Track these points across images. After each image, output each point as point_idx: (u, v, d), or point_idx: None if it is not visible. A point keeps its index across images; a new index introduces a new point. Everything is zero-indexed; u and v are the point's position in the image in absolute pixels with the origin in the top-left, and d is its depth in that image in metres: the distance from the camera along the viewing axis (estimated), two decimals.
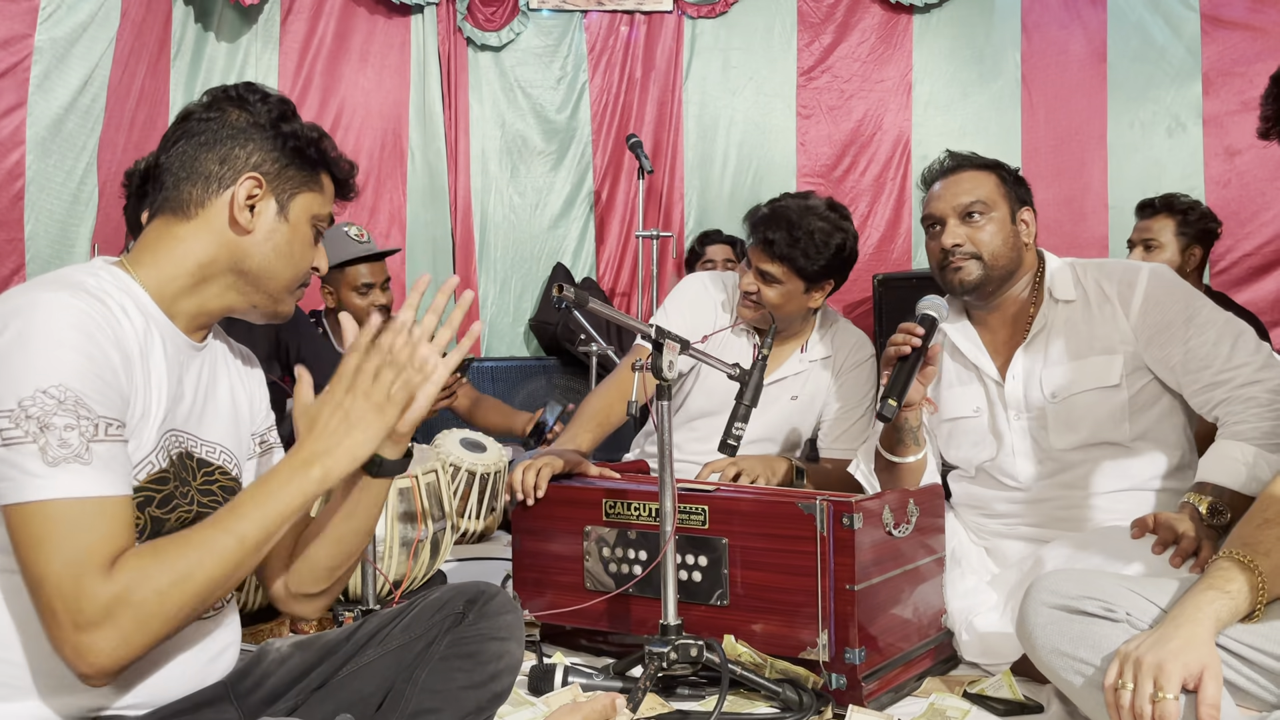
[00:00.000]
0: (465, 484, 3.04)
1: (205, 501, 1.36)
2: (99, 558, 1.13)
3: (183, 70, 4.19)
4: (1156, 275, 2.11)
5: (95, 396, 1.17)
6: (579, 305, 1.83)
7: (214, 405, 1.40)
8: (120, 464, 1.19)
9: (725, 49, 4.73)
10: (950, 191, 2.15)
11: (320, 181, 1.41)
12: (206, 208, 1.34)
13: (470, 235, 4.59)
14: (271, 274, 1.37)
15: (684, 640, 1.81)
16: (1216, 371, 1.99)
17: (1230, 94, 3.69)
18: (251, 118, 1.37)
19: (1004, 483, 2.17)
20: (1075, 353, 2.09)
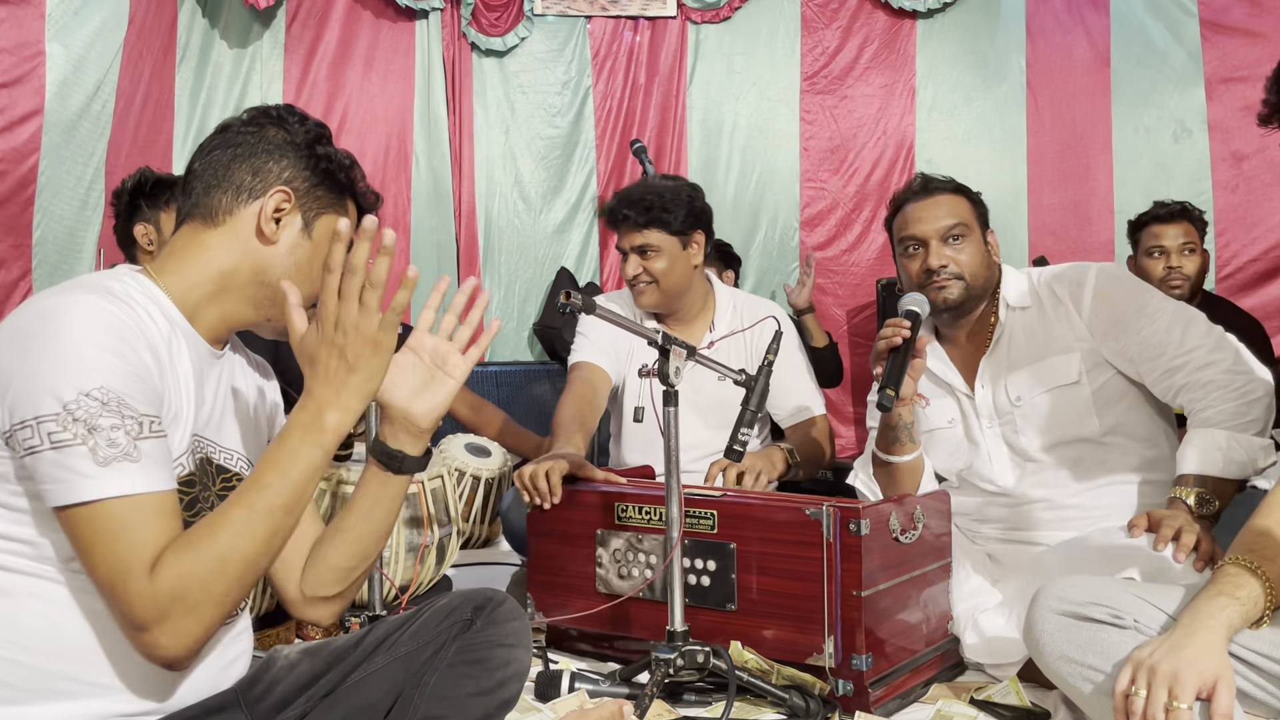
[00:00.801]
0: (470, 489, 3.05)
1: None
2: (142, 559, 1.15)
3: (188, 75, 4.20)
4: (1104, 272, 2.18)
5: (135, 395, 1.19)
6: (586, 311, 1.83)
7: (232, 413, 1.42)
8: (165, 457, 1.21)
9: (729, 54, 4.73)
10: (931, 214, 2.20)
11: (345, 206, 1.44)
12: (235, 216, 1.37)
13: (474, 240, 4.59)
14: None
15: (691, 646, 1.81)
16: (1171, 357, 2.06)
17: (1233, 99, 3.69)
18: (288, 136, 1.41)
19: (987, 489, 2.21)
20: (1034, 355, 2.16)
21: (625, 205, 2.65)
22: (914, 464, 2.17)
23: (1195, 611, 1.44)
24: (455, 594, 1.56)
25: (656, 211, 2.61)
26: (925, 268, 2.18)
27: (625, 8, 4.65)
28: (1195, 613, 1.43)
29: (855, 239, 4.70)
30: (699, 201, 2.68)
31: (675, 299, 2.69)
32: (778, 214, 4.75)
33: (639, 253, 2.64)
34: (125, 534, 1.14)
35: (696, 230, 2.67)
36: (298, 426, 1.25)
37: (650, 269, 2.63)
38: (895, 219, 2.28)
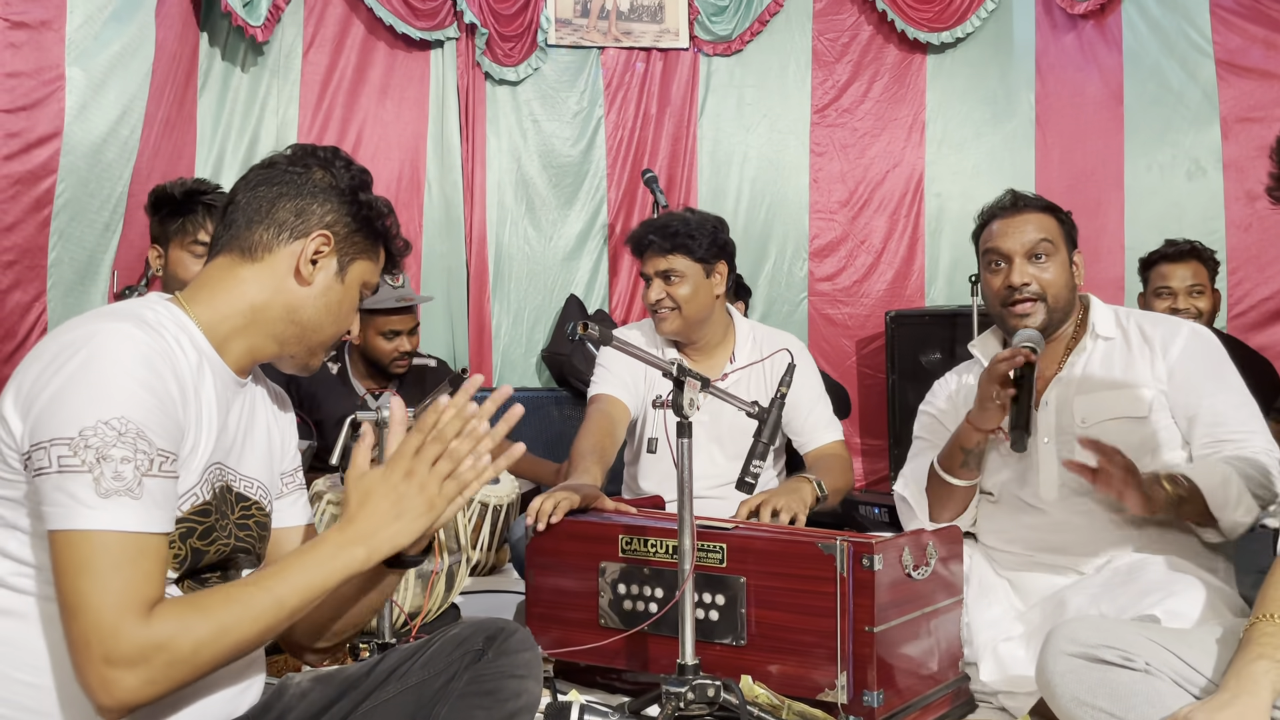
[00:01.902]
0: (478, 516, 3.04)
1: (242, 535, 1.38)
2: (140, 599, 1.15)
3: (210, 102, 4.24)
4: (1199, 333, 2.20)
5: (155, 429, 1.20)
6: (604, 343, 1.84)
7: (252, 442, 1.43)
8: (168, 501, 1.21)
9: (740, 86, 4.77)
10: (1018, 229, 2.20)
11: (378, 253, 1.48)
12: (274, 254, 1.39)
13: (485, 266, 4.62)
14: (317, 328, 1.42)
15: (701, 680, 1.81)
16: (1231, 430, 2.07)
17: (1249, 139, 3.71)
18: (333, 180, 1.42)
19: (1028, 503, 2.19)
20: (1108, 383, 2.15)
21: (651, 231, 2.71)
22: (971, 489, 2.21)
23: (1239, 675, 1.43)
24: (466, 624, 1.56)
25: (682, 238, 2.66)
26: (1008, 284, 2.18)
27: (638, 39, 4.70)
28: (1239, 676, 1.43)
29: (865, 271, 4.72)
30: (723, 234, 2.74)
31: (696, 327, 2.71)
32: (786, 244, 4.77)
33: (663, 278, 2.67)
34: (119, 569, 1.14)
35: (720, 260, 2.71)
36: (331, 543, 1.28)
37: (674, 294, 2.66)
38: (982, 232, 2.29)
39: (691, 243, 2.66)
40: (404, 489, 1.30)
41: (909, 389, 4.20)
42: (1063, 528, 2.16)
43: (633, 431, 2.79)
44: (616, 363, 2.72)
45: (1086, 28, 4.30)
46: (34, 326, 3.45)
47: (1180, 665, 1.56)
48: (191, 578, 1.32)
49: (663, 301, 2.67)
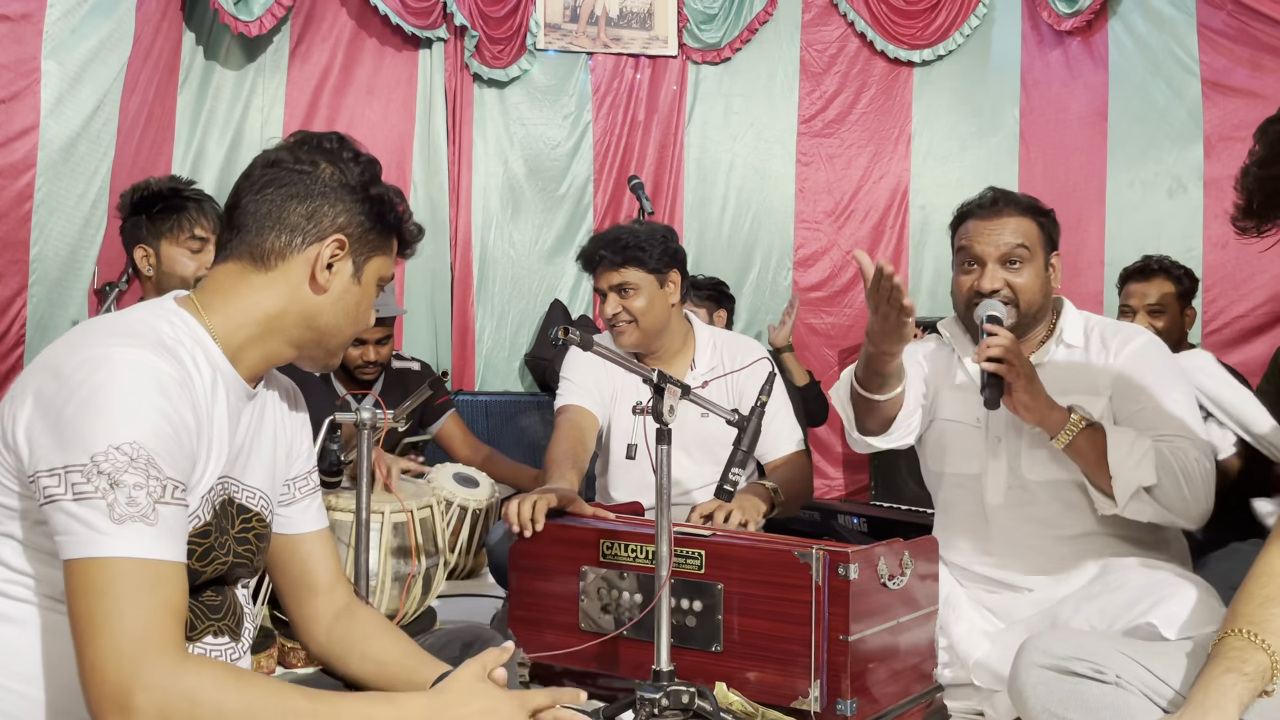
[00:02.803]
0: (457, 519, 3.03)
1: (240, 551, 1.36)
2: (166, 635, 1.12)
3: (190, 97, 4.22)
4: (1155, 342, 2.19)
5: (166, 458, 1.17)
6: (584, 348, 1.84)
7: (259, 451, 1.41)
8: (181, 529, 1.19)
9: (728, 94, 4.79)
10: (994, 231, 2.15)
11: (392, 245, 1.44)
12: (287, 260, 1.34)
13: (469, 269, 4.61)
14: (336, 332, 1.39)
15: (676, 687, 1.81)
16: (1163, 433, 2.04)
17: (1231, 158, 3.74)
18: (343, 177, 1.37)
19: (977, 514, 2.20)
20: (1063, 389, 2.12)
21: (601, 246, 2.70)
22: (894, 403, 2.16)
23: (1206, 689, 1.44)
24: (443, 631, 1.57)
25: (632, 250, 2.66)
26: (976, 288, 2.15)
27: (627, 45, 4.71)
28: (1206, 690, 1.44)
29: (849, 281, 4.74)
30: (673, 242, 2.75)
31: (654, 337, 2.72)
32: (771, 253, 4.79)
33: (618, 291, 2.67)
34: (137, 598, 1.11)
35: (673, 269, 2.72)
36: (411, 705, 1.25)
37: (630, 307, 2.67)
38: (958, 228, 2.24)
39: (643, 254, 2.66)
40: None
41: None
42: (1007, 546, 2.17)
43: (599, 441, 2.80)
44: (581, 373, 2.73)
45: (1073, 44, 4.33)
46: (15, 320, 3.43)
47: (1150, 678, 1.57)
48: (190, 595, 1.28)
49: (619, 315, 2.67)
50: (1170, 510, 1.98)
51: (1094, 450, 1.98)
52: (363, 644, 1.46)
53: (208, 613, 1.33)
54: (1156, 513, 1.99)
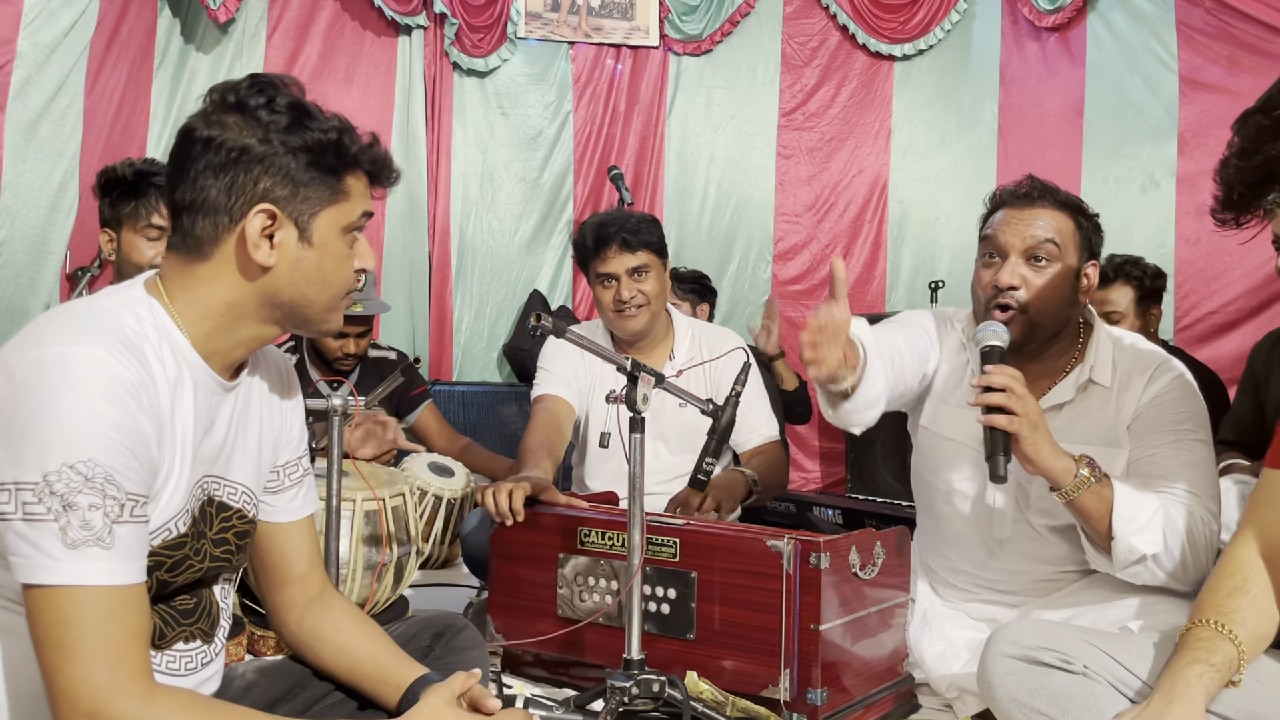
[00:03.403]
0: (431, 509, 3.02)
1: (218, 554, 1.32)
2: (134, 664, 1.10)
3: (165, 81, 4.17)
4: (1182, 383, 1.97)
5: (125, 472, 1.11)
6: (557, 334, 1.83)
7: (244, 445, 1.34)
8: (140, 548, 1.15)
9: (709, 86, 4.78)
10: (1023, 223, 1.96)
11: (345, 189, 1.27)
12: (220, 245, 1.23)
13: (447, 258, 4.59)
14: (308, 301, 1.27)
15: (646, 676, 1.81)
16: (1168, 490, 1.87)
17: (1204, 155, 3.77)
18: (257, 131, 1.21)
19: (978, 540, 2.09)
20: (1084, 438, 1.95)
21: (614, 227, 2.65)
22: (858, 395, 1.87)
23: (1172, 679, 1.45)
24: (414, 620, 1.55)
25: (645, 233, 2.66)
26: (994, 281, 1.95)
27: (608, 35, 4.69)
28: (1173, 680, 1.44)
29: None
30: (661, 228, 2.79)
31: (656, 322, 2.72)
32: (751, 246, 4.79)
33: (633, 274, 2.65)
34: (91, 624, 1.08)
35: (667, 255, 2.75)
36: None
37: (645, 290, 2.65)
38: (988, 218, 2.04)
39: (653, 237, 2.68)
40: None
41: None
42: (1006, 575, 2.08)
43: (577, 431, 2.79)
44: (558, 363, 2.72)
45: (1051, 40, 4.35)
46: None
47: (1117, 669, 1.58)
48: (162, 601, 1.27)
49: (634, 299, 2.64)
50: (1169, 576, 1.84)
51: (1100, 507, 1.80)
52: (335, 636, 1.43)
53: (179, 618, 1.29)
54: (1153, 577, 1.84)
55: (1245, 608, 1.50)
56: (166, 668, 1.27)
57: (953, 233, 4.65)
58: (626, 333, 2.70)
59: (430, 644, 1.53)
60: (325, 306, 1.30)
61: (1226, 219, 1.40)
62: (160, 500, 1.20)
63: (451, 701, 1.30)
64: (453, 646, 1.54)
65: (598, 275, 2.69)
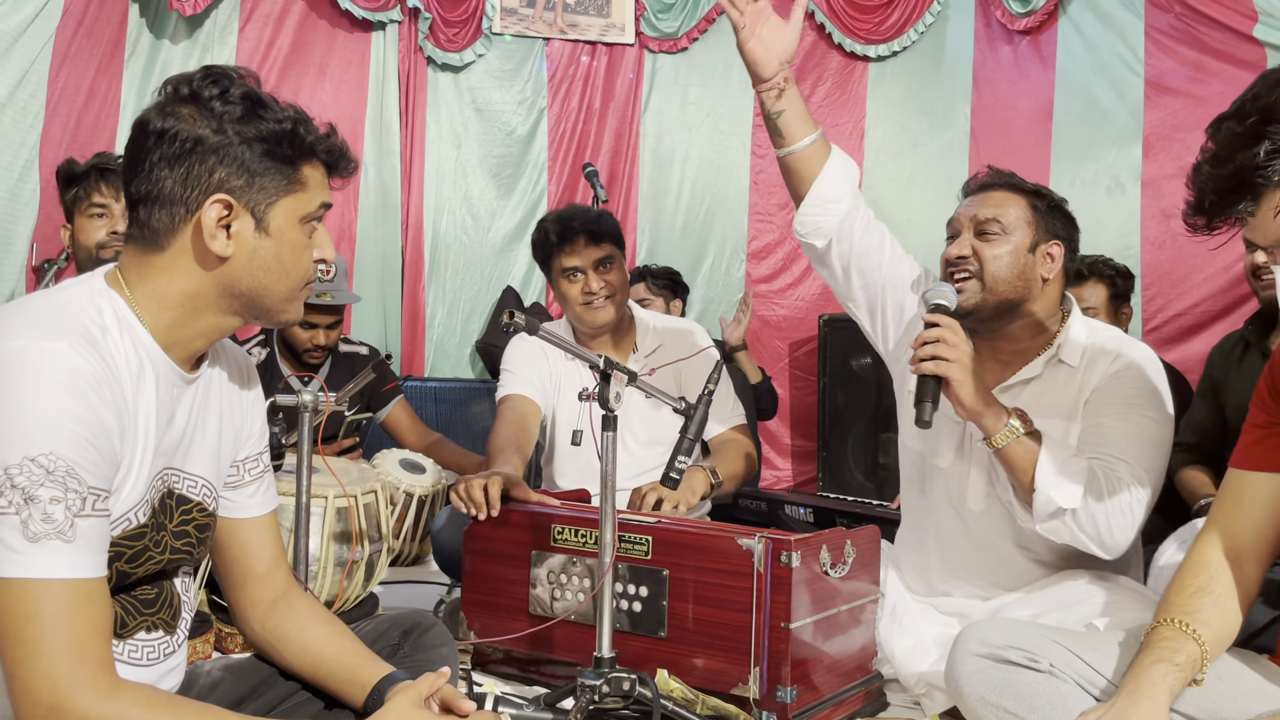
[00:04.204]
0: (402, 506, 3.01)
1: (178, 546, 1.31)
2: (97, 658, 1.10)
3: (136, 73, 4.12)
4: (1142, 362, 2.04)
5: (87, 466, 1.12)
6: (530, 332, 1.83)
7: (203, 437, 1.34)
8: (101, 541, 1.14)
9: (684, 84, 4.78)
10: (975, 203, 2.10)
11: (301, 179, 1.27)
12: (178, 236, 1.23)
13: (420, 254, 4.56)
14: (266, 291, 1.27)
15: (616, 674, 1.81)
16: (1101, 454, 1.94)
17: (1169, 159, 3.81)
18: (211, 122, 1.22)
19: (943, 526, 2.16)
20: (1046, 413, 2.03)
21: (576, 221, 2.68)
22: (796, 160, 2.12)
23: (1137, 678, 1.46)
24: (383, 618, 1.55)
25: (607, 225, 2.69)
26: (947, 256, 2.08)
27: (584, 32, 4.68)
28: (1137, 680, 1.46)
29: (800, 274, 4.76)
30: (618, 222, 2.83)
31: (621, 314, 2.74)
32: (725, 245, 4.80)
33: (599, 267, 2.67)
34: (52, 617, 1.08)
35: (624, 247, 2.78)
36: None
37: (611, 282, 2.67)
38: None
39: (615, 230, 2.72)
40: None
41: (839, 392, 4.26)
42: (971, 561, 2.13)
43: (543, 431, 2.79)
44: (522, 364, 2.72)
45: (1023, 44, 4.39)
46: None
47: (1083, 667, 1.60)
48: (123, 591, 1.26)
49: (603, 290, 2.66)
50: (1087, 538, 1.90)
51: (1027, 459, 1.89)
52: (300, 635, 1.42)
53: (140, 608, 1.29)
54: (1073, 537, 1.90)
55: (1209, 607, 1.52)
56: (129, 657, 1.27)
57: (924, 234, 4.67)
58: (595, 325, 2.70)
59: (399, 642, 1.53)
60: (284, 296, 1.30)
61: (1198, 224, 1.41)
62: (122, 492, 1.20)
63: (419, 703, 1.29)
64: (421, 644, 1.53)
65: (564, 270, 2.69)
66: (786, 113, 2.13)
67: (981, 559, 2.13)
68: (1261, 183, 1.31)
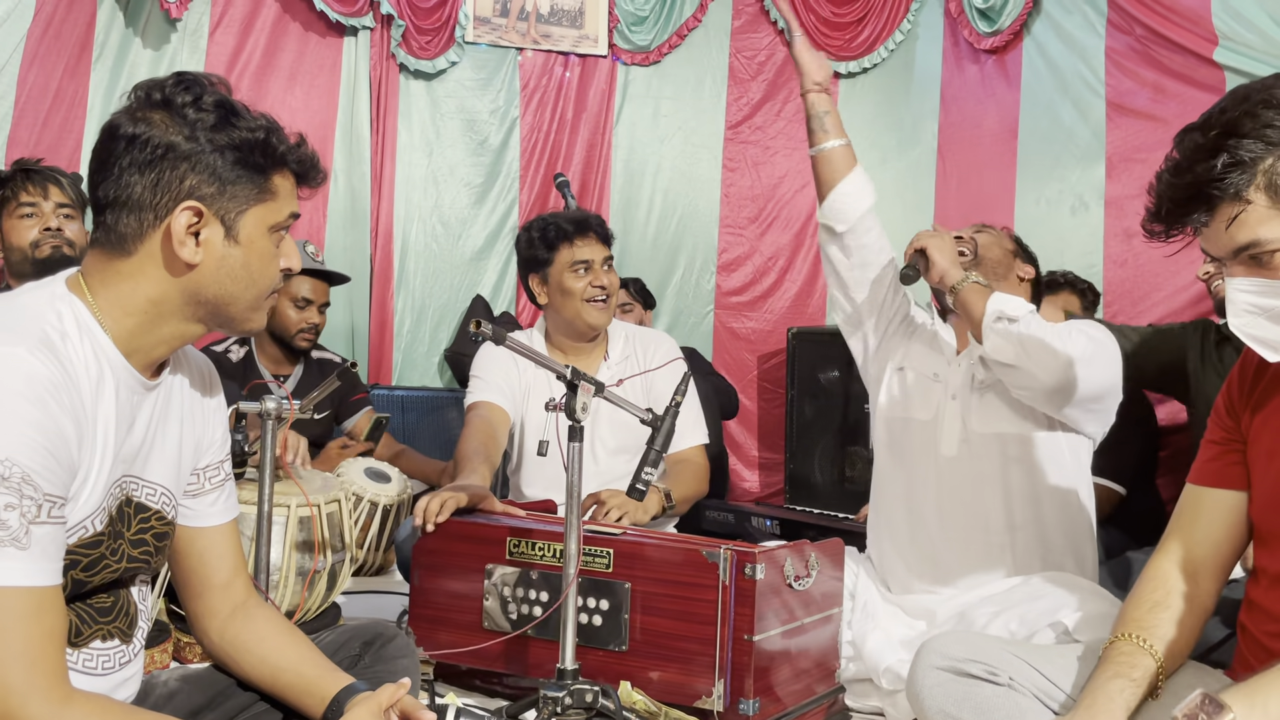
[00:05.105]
0: (367, 515, 2.99)
1: (136, 554, 1.29)
2: (51, 668, 1.08)
3: (104, 74, 4.07)
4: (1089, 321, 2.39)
5: (43, 473, 1.10)
6: (497, 341, 1.83)
7: (162, 444, 1.32)
8: (56, 549, 1.13)
9: (656, 97, 4.80)
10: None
11: (272, 188, 1.27)
12: (145, 242, 1.22)
13: (389, 262, 4.54)
14: (232, 299, 1.26)
15: (580, 685, 1.80)
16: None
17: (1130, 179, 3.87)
18: (184, 129, 1.21)
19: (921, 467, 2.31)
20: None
21: (589, 219, 2.73)
22: (830, 155, 2.42)
23: (1094, 694, 1.47)
24: (344, 628, 1.54)
25: (606, 228, 2.75)
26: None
27: (557, 43, 4.69)
28: (1094, 695, 1.47)
29: (770, 286, 4.79)
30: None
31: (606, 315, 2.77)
32: (695, 257, 4.81)
33: (606, 264, 2.70)
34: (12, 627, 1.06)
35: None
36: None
37: (613, 283, 2.71)
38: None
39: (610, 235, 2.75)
40: None
41: (807, 404, 4.28)
42: (940, 548, 2.24)
43: (511, 440, 2.78)
44: (492, 371, 2.71)
45: (989, 63, 4.44)
46: None
47: (1042, 681, 1.61)
48: (78, 600, 1.24)
49: (609, 287, 2.68)
50: (1028, 354, 2.10)
51: (983, 295, 2.19)
52: (259, 646, 1.41)
53: (96, 616, 1.27)
54: (1008, 350, 2.12)
55: (1166, 622, 1.54)
56: (84, 666, 1.25)
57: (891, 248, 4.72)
58: (594, 325, 2.69)
59: (360, 653, 1.52)
60: (249, 305, 1.29)
61: (1156, 231, 1.43)
62: (79, 499, 1.18)
63: (378, 714, 1.29)
64: (382, 655, 1.52)
65: (574, 262, 2.67)
66: (832, 113, 2.43)
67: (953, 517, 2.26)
68: (1217, 195, 1.33)
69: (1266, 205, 1.32)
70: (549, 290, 2.72)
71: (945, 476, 2.29)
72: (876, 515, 2.44)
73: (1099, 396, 2.19)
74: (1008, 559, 2.22)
